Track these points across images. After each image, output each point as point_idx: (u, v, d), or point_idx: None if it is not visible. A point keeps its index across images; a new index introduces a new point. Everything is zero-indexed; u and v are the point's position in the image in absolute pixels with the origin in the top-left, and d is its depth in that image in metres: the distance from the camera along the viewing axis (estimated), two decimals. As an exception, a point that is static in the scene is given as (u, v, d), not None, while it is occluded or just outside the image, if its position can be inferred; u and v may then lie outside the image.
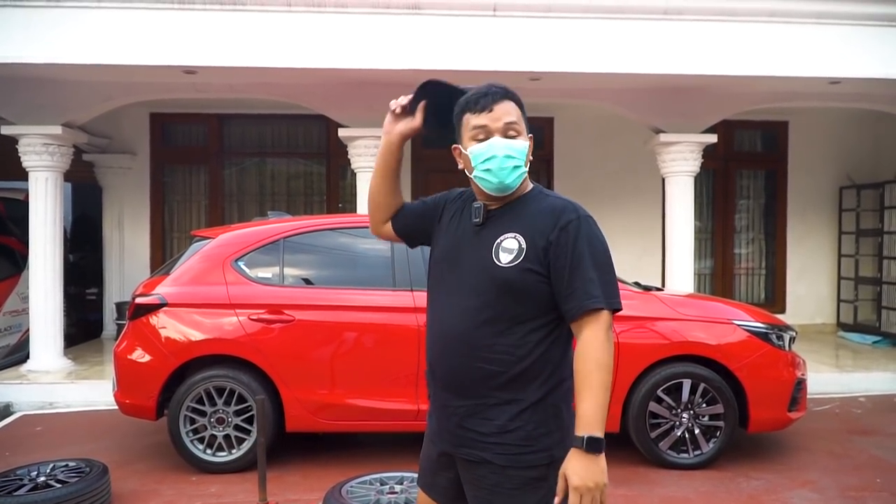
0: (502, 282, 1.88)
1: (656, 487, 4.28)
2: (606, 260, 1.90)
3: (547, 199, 1.97)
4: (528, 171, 1.97)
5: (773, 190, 9.99)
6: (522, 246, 1.89)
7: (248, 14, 6.14)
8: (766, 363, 4.58)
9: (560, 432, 1.87)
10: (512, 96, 1.96)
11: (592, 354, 1.78)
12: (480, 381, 1.89)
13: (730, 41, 6.42)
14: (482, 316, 1.89)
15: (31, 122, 6.86)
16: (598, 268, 1.86)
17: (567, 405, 1.90)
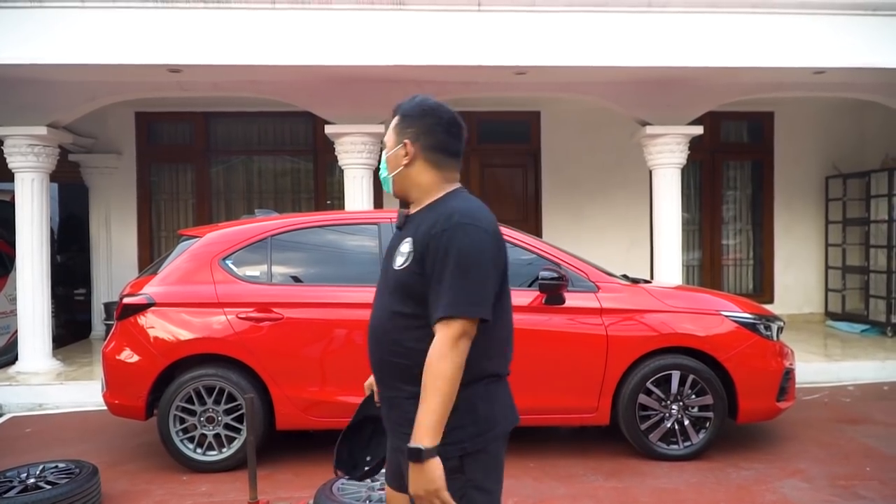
0: (396, 284, 2.01)
1: (647, 479, 4.30)
2: (470, 267, 1.89)
3: (445, 204, 2.03)
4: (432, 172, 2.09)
5: (759, 180, 10.04)
6: (411, 250, 1.98)
7: (233, 12, 6.10)
8: (754, 353, 4.61)
9: (474, 427, 1.93)
10: (395, 110, 2.15)
11: (430, 364, 1.84)
12: (393, 375, 2.00)
13: (714, 33, 6.43)
14: (389, 311, 2.02)
15: (15, 123, 6.80)
16: (458, 275, 1.87)
17: (485, 401, 1.97)
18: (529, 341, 4.50)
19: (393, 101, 7.29)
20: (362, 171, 7.24)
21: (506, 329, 2.06)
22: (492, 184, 9.64)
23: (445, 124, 2.11)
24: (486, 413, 1.96)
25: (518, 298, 4.52)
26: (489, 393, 1.99)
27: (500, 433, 2.00)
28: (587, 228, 9.33)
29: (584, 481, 4.29)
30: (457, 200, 2.03)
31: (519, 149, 9.71)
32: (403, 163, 2.08)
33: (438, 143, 2.09)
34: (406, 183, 2.10)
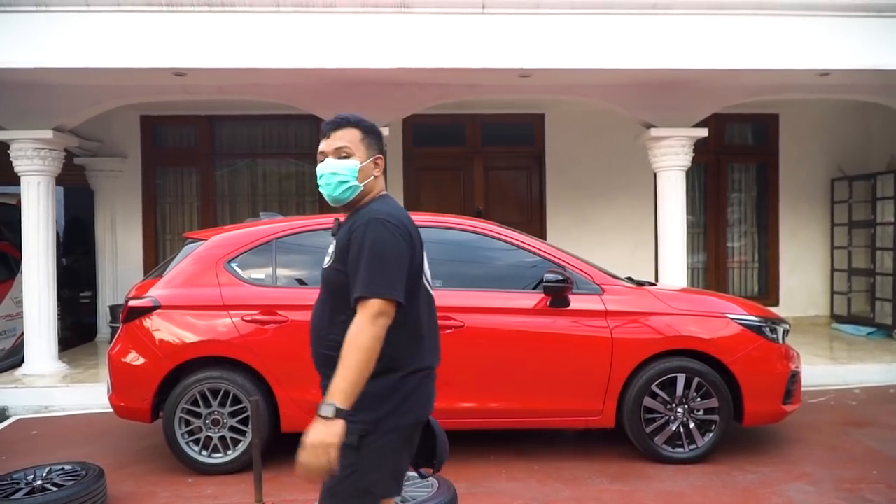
0: (325, 281, 2.29)
1: (652, 482, 4.29)
2: (382, 254, 2.11)
3: (368, 207, 2.25)
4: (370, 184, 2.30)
5: (764, 183, 10.02)
6: (334, 250, 2.25)
7: (237, 15, 6.11)
8: (760, 356, 4.60)
9: (379, 413, 2.12)
10: (355, 124, 2.31)
11: (351, 335, 2.06)
12: (328, 366, 2.14)
13: (719, 35, 6.42)
14: (323, 309, 2.28)
15: (21, 126, 6.83)
16: (371, 261, 2.10)
17: (395, 392, 2.15)
18: (534, 344, 4.51)
19: (397, 103, 7.33)
20: (366, 173, 7.22)
21: (422, 325, 2.25)
22: (495, 186, 9.65)
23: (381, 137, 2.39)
24: (394, 403, 2.15)
25: (523, 301, 4.58)
26: (401, 385, 2.17)
27: (404, 424, 2.18)
28: (591, 231, 9.32)
29: (589, 484, 4.28)
30: (379, 203, 2.27)
31: (523, 151, 9.71)
32: (375, 174, 2.31)
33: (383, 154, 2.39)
34: (366, 192, 2.30)
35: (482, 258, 4.88)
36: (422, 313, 2.25)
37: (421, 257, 2.24)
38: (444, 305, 4.47)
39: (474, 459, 4.69)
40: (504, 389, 4.52)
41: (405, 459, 2.26)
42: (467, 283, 4.71)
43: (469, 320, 4.49)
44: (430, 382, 2.29)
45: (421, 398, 2.23)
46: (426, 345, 2.26)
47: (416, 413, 2.21)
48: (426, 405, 2.26)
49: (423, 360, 2.24)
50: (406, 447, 2.24)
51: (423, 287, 2.26)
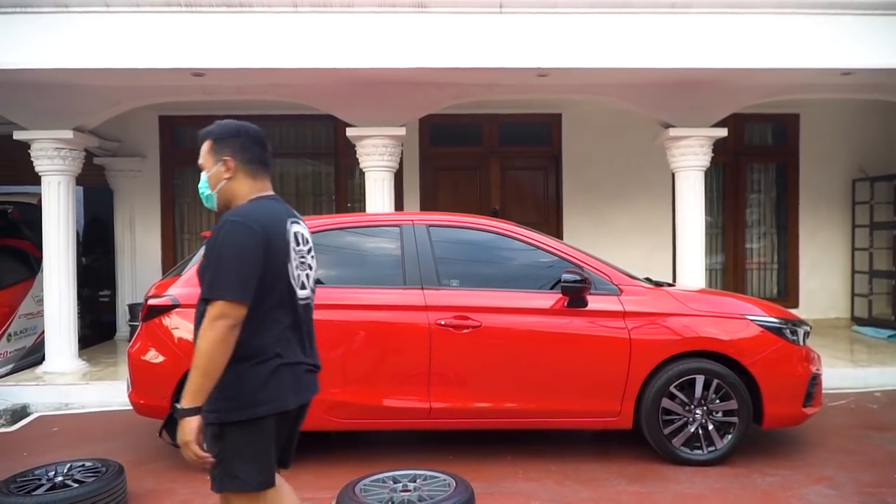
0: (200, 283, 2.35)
1: (670, 484, 4.25)
2: (225, 256, 2.22)
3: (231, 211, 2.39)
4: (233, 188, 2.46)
5: (784, 183, 9.92)
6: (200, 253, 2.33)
7: (255, 15, 6.15)
8: (780, 358, 4.54)
9: (236, 401, 2.25)
10: (206, 136, 2.46)
11: (197, 338, 2.21)
12: None
13: (739, 33, 6.36)
14: (198, 310, 2.33)
15: (42, 126, 6.91)
16: (219, 262, 2.22)
17: (251, 380, 2.27)
18: (551, 344, 4.50)
19: (415, 103, 7.34)
20: (384, 173, 7.26)
21: (279, 319, 2.33)
22: (512, 186, 9.63)
23: (256, 139, 2.47)
24: (250, 391, 2.26)
25: (540, 301, 4.57)
26: (257, 373, 2.28)
27: (264, 412, 2.28)
28: (608, 231, 9.28)
29: (606, 485, 4.25)
30: (245, 206, 2.37)
31: (540, 151, 9.68)
32: (225, 177, 2.41)
33: (253, 157, 2.44)
34: (228, 196, 2.42)
35: (499, 258, 4.87)
36: (280, 307, 2.33)
37: (284, 256, 2.33)
38: (462, 305, 4.51)
39: (491, 460, 4.68)
40: (521, 390, 4.51)
41: (269, 447, 2.34)
42: (484, 282, 4.71)
43: (486, 320, 4.48)
44: (293, 374, 2.37)
45: (280, 389, 2.31)
46: (284, 338, 2.35)
47: (274, 403, 2.30)
48: (286, 396, 2.34)
49: (276, 350, 2.32)
50: (268, 436, 2.32)
51: (287, 284, 2.35)
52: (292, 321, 2.39)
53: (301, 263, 2.43)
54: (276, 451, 2.40)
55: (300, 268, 2.43)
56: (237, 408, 2.27)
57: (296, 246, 2.41)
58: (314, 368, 2.52)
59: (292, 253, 2.37)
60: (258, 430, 2.30)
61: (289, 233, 2.37)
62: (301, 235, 2.46)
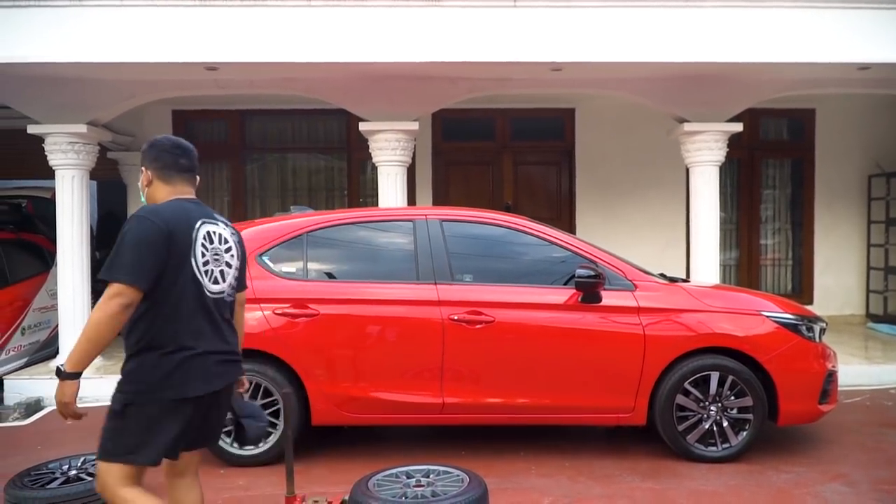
0: None
1: (685, 481, 4.23)
2: (125, 244, 2.47)
3: None
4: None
5: (799, 179, 9.83)
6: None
7: (269, 9, 6.14)
8: (796, 355, 4.51)
9: (138, 386, 2.51)
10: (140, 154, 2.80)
11: (92, 312, 2.45)
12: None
13: (755, 27, 6.30)
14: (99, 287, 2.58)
15: (56, 120, 6.93)
16: (118, 249, 2.47)
17: (153, 369, 2.50)
18: (565, 340, 4.48)
19: (427, 97, 7.31)
20: (396, 168, 7.24)
21: (183, 309, 2.54)
22: (525, 181, 9.59)
23: (166, 149, 2.74)
24: (150, 379, 2.50)
25: (554, 296, 4.54)
26: (159, 363, 2.50)
27: (161, 398, 2.50)
28: (621, 227, 9.22)
29: (620, 482, 4.24)
30: (157, 204, 2.64)
31: (553, 146, 9.64)
32: (144, 184, 2.75)
33: (166, 165, 2.72)
34: (151, 200, 2.72)
35: (513, 253, 4.86)
36: (184, 299, 2.55)
37: (186, 250, 2.55)
38: (475, 300, 4.50)
39: (504, 455, 4.67)
40: (535, 385, 4.49)
41: (169, 431, 2.54)
42: (498, 277, 4.69)
43: (500, 315, 4.47)
44: (202, 364, 2.57)
45: (184, 377, 2.52)
46: (192, 328, 2.56)
47: (177, 390, 2.51)
48: (190, 384, 2.54)
49: (184, 341, 2.53)
50: (170, 420, 2.53)
51: (192, 276, 2.56)
52: (202, 313, 2.60)
53: (215, 260, 2.66)
54: (188, 432, 2.61)
55: (213, 264, 2.65)
56: (140, 392, 2.51)
57: (208, 244, 2.64)
58: (231, 357, 2.72)
59: (199, 249, 2.59)
60: (163, 413, 2.52)
61: (196, 230, 2.59)
62: (218, 235, 2.70)
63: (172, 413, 2.53)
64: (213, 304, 2.64)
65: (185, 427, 2.58)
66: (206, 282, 2.61)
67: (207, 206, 2.80)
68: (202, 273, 2.60)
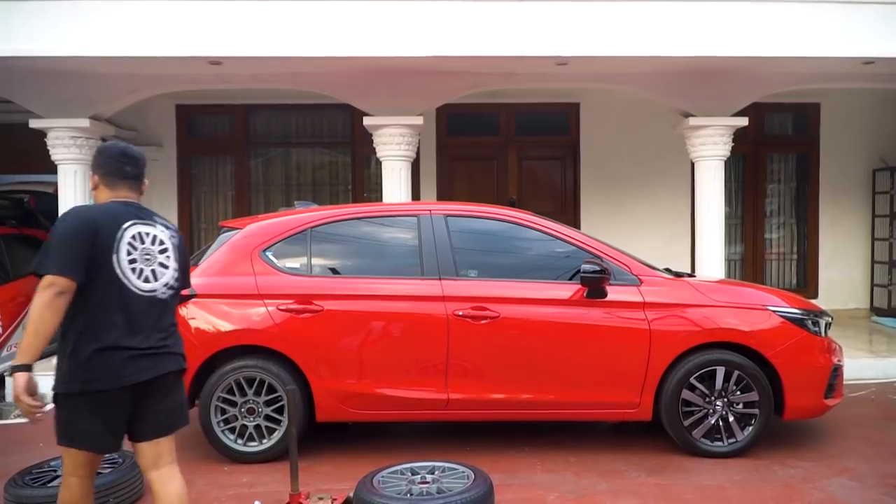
0: None
1: (690, 476, 4.22)
2: (54, 240, 2.64)
3: None
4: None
5: (804, 173, 9.79)
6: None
7: (273, 3, 6.12)
8: (801, 349, 4.49)
9: (62, 377, 2.68)
10: None
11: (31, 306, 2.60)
12: None
13: (761, 22, 6.27)
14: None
15: (58, 115, 6.92)
16: (47, 244, 2.64)
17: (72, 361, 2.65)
18: (570, 335, 4.47)
19: (432, 92, 7.28)
20: (400, 162, 7.22)
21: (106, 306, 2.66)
22: (529, 176, 9.56)
23: (112, 156, 2.87)
24: (69, 370, 2.66)
25: (559, 291, 4.53)
26: (76, 356, 2.65)
27: (87, 391, 2.64)
28: (626, 221, 9.19)
29: (626, 477, 4.23)
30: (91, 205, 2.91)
31: (557, 141, 9.60)
32: (93, 188, 2.92)
33: (109, 171, 2.86)
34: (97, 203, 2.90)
35: (517, 248, 4.84)
36: (104, 295, 2.67)
37: (109, 246, 2.67)
38: (480, 296, 4.48)
39: (509, 451, 4.67)
40: (540, 381, 4.48)
41: (97, 421, 2.68)
42: (502, 273, 4.68)
43: (504, 311, 4.46)
44: (117, 358, 2.66)
45: (105, 371, 2.64)
46: (111, 324, 2.67)
47: (100, 383, 2.64)
48: (100, 378, 2.64)
49: (105, 338, 2.65)
50: (96, 411, 2.67)
51: (114, 274, 2.68)
52: (124, 309, 2.70)
53: (146, 260, 2.77)
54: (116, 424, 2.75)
55: (143, 263, 2.76)
56: (62, 382, 2.69)
57: (138, 244, 2.76)
58: (151, 352, 2.77)
59: (124, 248, 2.71)
60: (88, 405, 2.67)
61: (122, 230, 2.72)
62: (151, 236, 2.82)
63: (97, 405, 2.67)
64: (141, 302, 2.75)
65: (111, 418, 2.72)
66: (134, 279, 2.74)
67: (148, 209, 2.93)
68: (129, 271, 2.73)
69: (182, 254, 2.97)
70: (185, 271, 3.03)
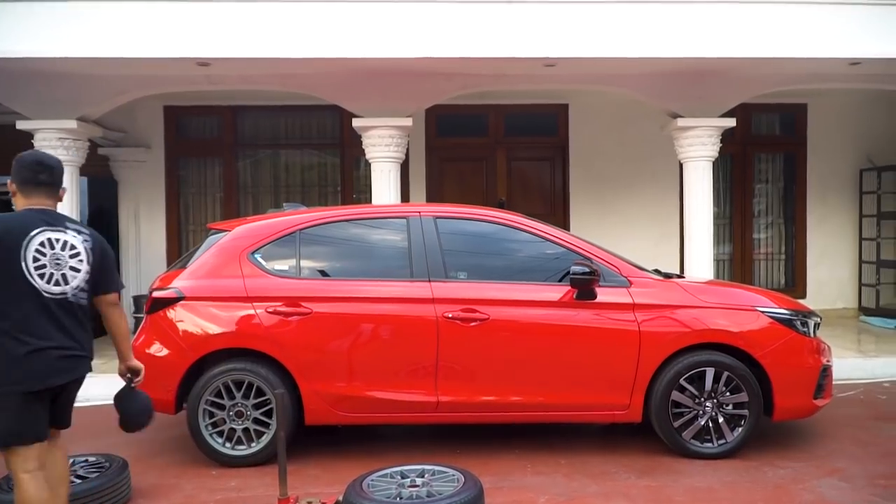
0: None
1: (681, 477, 4.22)
2: None
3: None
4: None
5: (791, 173, 9.85)
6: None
7: (261, 4, 6.11)
8: (790, 350, 4.50)
9: None
10: None
11: None
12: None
13: (748, 23, 6.31)
14: None
15: (46, 116, 6.87)
16: None
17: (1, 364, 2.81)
18: (560, 337, 4.46)
19: (421, 93, 7.28)
20: (389, 164, 7.21)
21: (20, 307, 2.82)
22: (518, 177, 9.57)
23: (27, 165, 3.00)
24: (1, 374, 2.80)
25: (549, 293, 4.52)
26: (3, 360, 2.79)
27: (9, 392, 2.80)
28: (615, 222, 9.21)
29: (616, 479, 4.22)
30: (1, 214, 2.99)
31: (546, 142, 9.61)
32: (11, 197, 3.04)
33: (24, 180, 2.99)
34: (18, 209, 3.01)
35: (507, 250, 4.83)
36: (14, 297, 2.82)
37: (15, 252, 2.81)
38: (469, 298, 4.47)
39: (499, 453, 4.66)
40: (530, 383, 4.47)
41: (22, 419, 2.84)
42: (492, 275, 4.66)
43: (494, 313, 4.45)
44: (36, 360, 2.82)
45: (26, 372, 2.80)
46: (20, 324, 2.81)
47: (23, 385, 2.81)
48: (32, 379, 2.82)
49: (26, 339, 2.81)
50: (20, 409, 2.82)
51: (22, 277, 2.83)
52: (37, 312, 2.85)
53: (55, 264, 2.90)
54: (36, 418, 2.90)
55: (52, 267, 2.89)
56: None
57: (47, 249, 2.89)
58: (70, 352, 2.95)
59: (31, 254, 2.85)
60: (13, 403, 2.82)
61: (29, 237, 2.85)
62: (62, 242, 2.95)
63: (21, 404, 2.84)
64: (53, 304, 2.90)
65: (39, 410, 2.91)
66: (43, 283, 2.87)
67: (62, 215, 3.06)
68: (36, 275, 2.86)
69: (99, 256, 3.09)
70: (104, 274, 3.14)
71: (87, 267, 3.02)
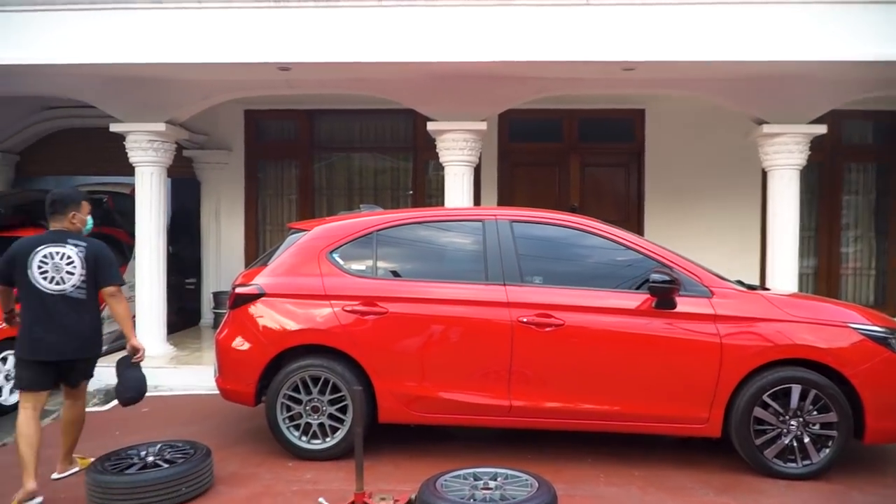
0: None
1: (761, 497, 4.05)
2: None
3: None
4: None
5: (885, 185, 9.37)
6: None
7: (341, 10, 6.22)
8: (885, 370, 4.26)
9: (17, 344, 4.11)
10: None
11: None
12: None
13: (838, 24, 6.02)
14: None
15: (137, 119, 7.19)
16: None
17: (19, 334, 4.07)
18: (637, 346, 4.36)
19: (496, 98, 7.26)
20: (463, 168, 7.23)
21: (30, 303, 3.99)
22: (592, 183, 9.44)
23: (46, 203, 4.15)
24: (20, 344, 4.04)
25: (626, 301, 4.43)
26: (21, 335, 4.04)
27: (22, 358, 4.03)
28: (692, 232, 8.96)
29: (693, 495, 4.09)
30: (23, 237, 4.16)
31: (621, 148, 9.45)
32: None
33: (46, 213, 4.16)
34: None
35: (583, 255, 4.75)
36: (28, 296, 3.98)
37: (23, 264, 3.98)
38: (545, 303, 4.43)
39: (571, 461, 4.59)
40: (605, 391, 4.39)
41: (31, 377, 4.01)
42: (568, 280, 4.59)
43: (570, 319, 4.39)
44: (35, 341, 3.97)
45: (30, 347, 3.98)
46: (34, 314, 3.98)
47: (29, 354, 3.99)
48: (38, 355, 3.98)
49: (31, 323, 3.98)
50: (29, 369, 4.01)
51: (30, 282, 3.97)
52: (42, 305, 3.97)
53: (56, 269, 3.99)
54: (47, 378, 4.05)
55: (53, 272, 3.99)
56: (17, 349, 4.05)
57: (49, 261, 3.99)
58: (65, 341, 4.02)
59: (36, 264, 3.96)
60: (24, 364, 4.02)
61: (34, 253, 3.98)
62: (60, 254, 4.01)
63: (30, 366, 4.00)
64: (55, 298, 3.99)
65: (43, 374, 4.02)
66: (46, 283, 3.98)
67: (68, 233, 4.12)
68: (40, 278, 3.97)
69: (92, 260, 4.07)
70: (102, 270, 4.11)
71: (81, 270, 4.05)
